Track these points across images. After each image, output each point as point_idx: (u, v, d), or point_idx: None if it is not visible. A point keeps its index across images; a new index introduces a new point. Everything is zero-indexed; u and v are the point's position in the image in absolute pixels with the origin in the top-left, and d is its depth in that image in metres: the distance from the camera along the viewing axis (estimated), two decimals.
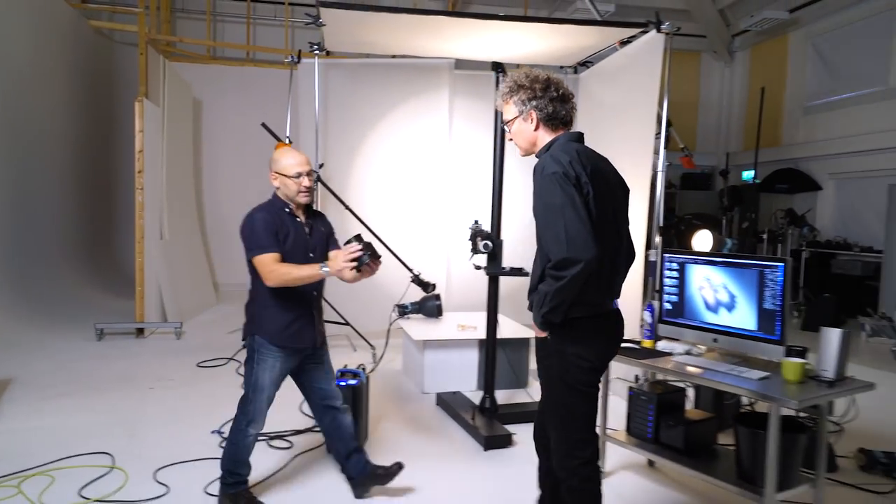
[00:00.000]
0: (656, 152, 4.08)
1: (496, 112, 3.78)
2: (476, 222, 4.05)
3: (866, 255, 8.02)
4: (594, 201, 1.93)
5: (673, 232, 8.35)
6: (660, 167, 4.08)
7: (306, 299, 2.65)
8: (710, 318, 2.77)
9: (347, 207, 5.24)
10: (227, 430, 3.55)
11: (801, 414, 2.94)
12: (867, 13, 8.45)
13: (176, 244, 6.76)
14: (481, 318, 4.84)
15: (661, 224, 4.12)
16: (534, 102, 2.06)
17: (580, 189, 1.93)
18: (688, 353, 2.80)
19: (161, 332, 6.00)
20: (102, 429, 3.61)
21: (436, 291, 5.17)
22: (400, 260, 5.25)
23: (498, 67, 3.80)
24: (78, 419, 3.76)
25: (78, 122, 7.73)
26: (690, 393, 3.42)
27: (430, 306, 5.00)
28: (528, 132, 2.11)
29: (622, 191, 2.12)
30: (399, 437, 3.62)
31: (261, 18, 9.40)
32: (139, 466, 3.11)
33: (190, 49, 8.88)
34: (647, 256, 4.08)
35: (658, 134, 4.11)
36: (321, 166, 5.34)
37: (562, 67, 5.50)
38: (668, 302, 2.96)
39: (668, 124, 4.46)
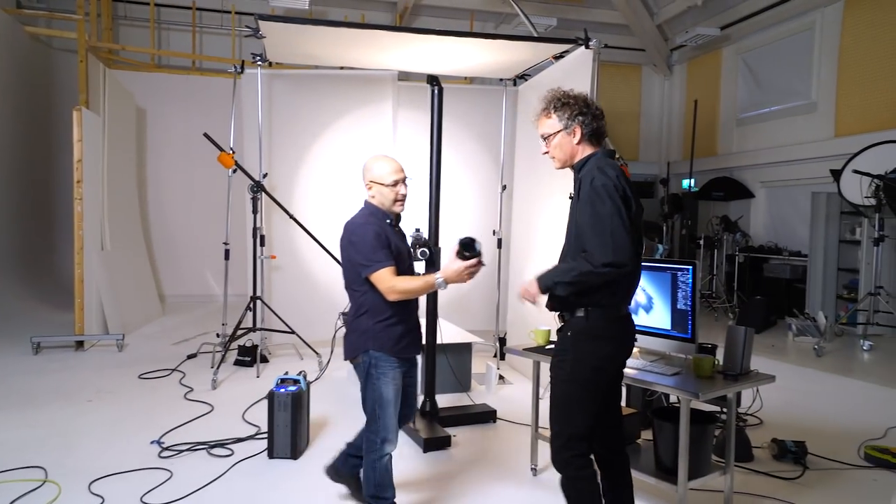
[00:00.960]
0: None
1: (432, 124, 3.91)
2: (417, 230, 4.14)
3: (794, 259, 8.47)
4: (631, 213, 2.08)
5: None
6: None
7: (412, 308, 2.59)
8: (641, 318, 2.94)
9: (292, 217, 5.28)
10: (166, 440, 3.58)
11: (716, 407, 3.14)
12: (790, 31, 8.96)
13: (118, 255, 6.65)
14: (423, 324, 4.96)
15: None
16: (580, 118, 2.19)
17: (626, 202, 2.07)
18: None
19: (102, 345, 5.89)
20: (37, 442, 3.55)
21: None
22: None
23: (433, 81, 3.92)
24: (11, 434, 3.69)
25: (14, 130, 7.52)
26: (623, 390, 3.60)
27: None
28: (570, 146, 2.23)
29: (639, 203, 2.20)
30: (341, 441, 3.65)
31: (206, 27, 9.33)
32: (73, 479, 3.08)
33: (133, 57, 8.75)
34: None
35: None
36: (265, 176, 5.37)
37: (501, 80, 5.68)
38: None
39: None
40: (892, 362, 6.00)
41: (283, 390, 3.37)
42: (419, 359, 2.81)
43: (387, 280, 2.35)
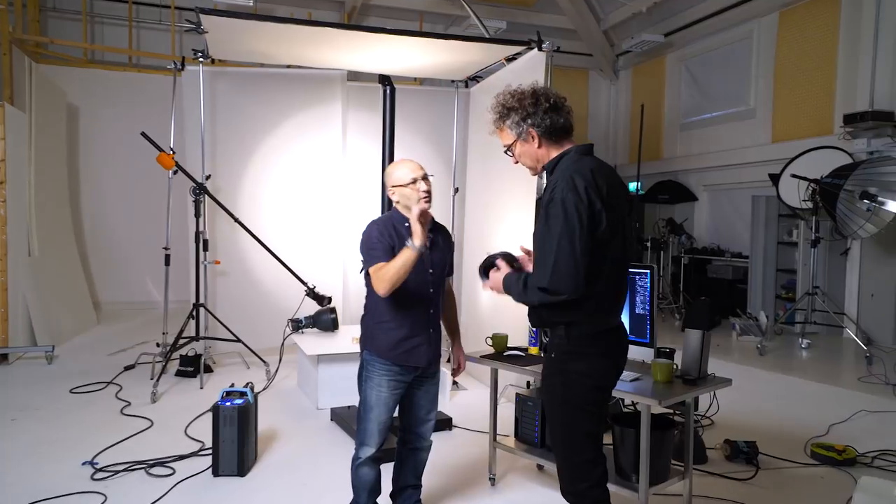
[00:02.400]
0: None
1: (384, 124, 3.80)
2: None
3: (736, 260, 8.73)
4: (607, 224, 1.87)
5: None
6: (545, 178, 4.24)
7: (422, 316, 2.46)
8: None
9: (237, 221, 5.07)
10: (100, 459, 3.34)
11: (674, 411, 3.15)
12: (730, 40, 9.25)
13: (47, 261, 6.25)
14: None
15: None
16: (529, 121, 1.99)
17: (593, 219, 1.85)
18: None
19: (29, 357, 5.51)
20: None
21: (331, 305, 5.10)
22: (294, 273, 5.15)
23: (385, 81, 3.81)
24: None
25: None
26: None
27: (325, 320, 4.92)
28: (533, 151, 2.04)
29: (626, 201, 2.06)
30: (291, 455, 3.52)
31: (144, 22, 8.93)
32: None
33: (64, 51, 8.27)
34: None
35: None
36: (208, 178, 5.13)
37: (453, 81, 5.62)
38: None
39: None
40: (829, 360, 6.23)
41: (228, 403, 3.20)
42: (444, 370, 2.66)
43: (376, 274, 2.33)
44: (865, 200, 5.95)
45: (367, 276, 2.41)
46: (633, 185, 10.73)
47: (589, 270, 1.85)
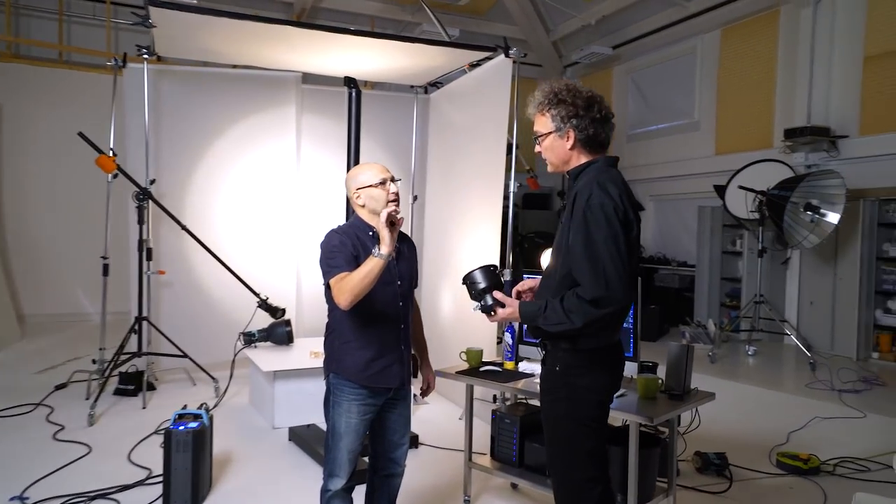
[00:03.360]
0: (508, 174, 4.16)
1: (349, 129, 3.63)
2: None
3: (682, 269, 8.94)
4: (634, 234, 1.84)
5: (517, 250, 8.71)
6: (512, 188, 4.18)
7: (392, 333, 2.29)
8: None
9: (184, 228, 4.76)
10: (31, 494, 3.01)
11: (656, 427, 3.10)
12: (674, 55, 9.51)
13: None
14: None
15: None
16: (574, 121, 1.90)
17: (627, 227, 1.81)
18: None
19: None
20: None
21: (285, 317, 4.87)
22: (245, 284, 4.88)
23: (351, 83, 3.65)
24: None
25: None
26: None
27: (279, 333, 4.69)
28: (562, 150, 1.96)
29: (638, 225, 1.97)
30: (249, 480, 3.29)
31: (76, 16, 8.40)
32: None
33: None
34: (501, 276, 4.12)
35: (508, 156, 4.21)
36: (152, 182, 4.80)
37: (412, 87, 5.49)
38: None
39: (517, 146, 4.60)
40: (775, 367, 6.42)
41: (181, 427, 2.94)
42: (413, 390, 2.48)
43: (336, 285, 2.13)
44: (808, 212, 6.17)
45: (328, 289, 2.20)
46: None
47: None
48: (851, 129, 7.15)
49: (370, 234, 2.26)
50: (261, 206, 5.45)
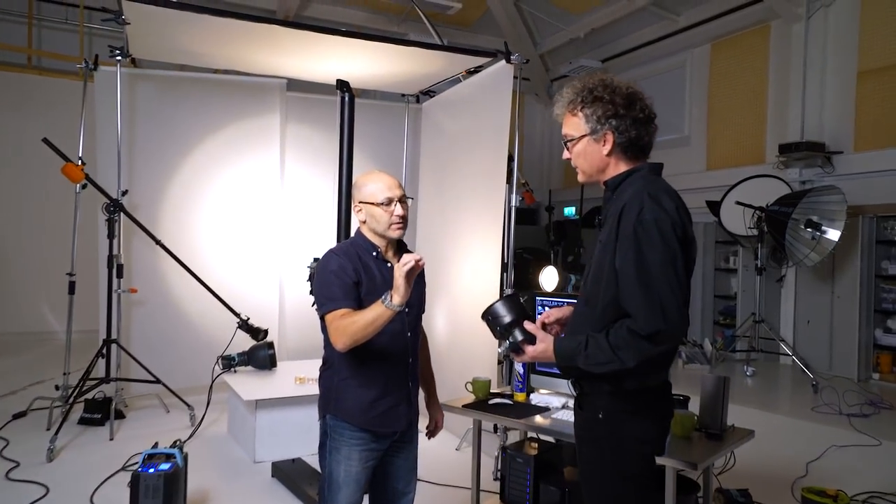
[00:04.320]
0: (510, 187, 3.91)
1: (342, 136, 3.35)
2: (316, 261, 3.56)
3: None
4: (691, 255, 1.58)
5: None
6: (513, 202, 3.92)
7: (399, 368, 2.01)
8: None
9: (159, 243, 4.42)
10: None
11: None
12: (665, 69, 9.41)
13: None
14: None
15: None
16: (614, 122, 1.62)
17: (686, 245, 1.53)
18: (564, 406, 2.56)
19: None
20: None
21: (268, 339, 4.53)
22: (224, 303, 4.54)
23: (343, 86, 3.38)
24: None
25: None
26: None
27: (261, 357, 4.35)
28: (597, 156, 1.66)
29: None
30: None
31: (47, 20, 8.02)
32: None
33: None
34: (503, 295, 3.85)
35: (510, 168, 3.96)
36: (124, 194, 4.46)
37: (403, 95, 5.24)
38: None
39: (511, 159, 4.35)
40: (776, 388, 6.22)
41: (151, 470, 2.61)
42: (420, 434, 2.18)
43: (333, 322, 1.85)
44: (809, 229, 6.02)
45: (323, 320, 1.93)
46: (569, 210, 10.71)
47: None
48: (846, 144, 7.05)
49: (374, 254, 1.99)
50: (242, 221, 5.12)
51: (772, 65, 7.90)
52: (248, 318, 4.57)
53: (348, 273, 1.90)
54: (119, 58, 4.34)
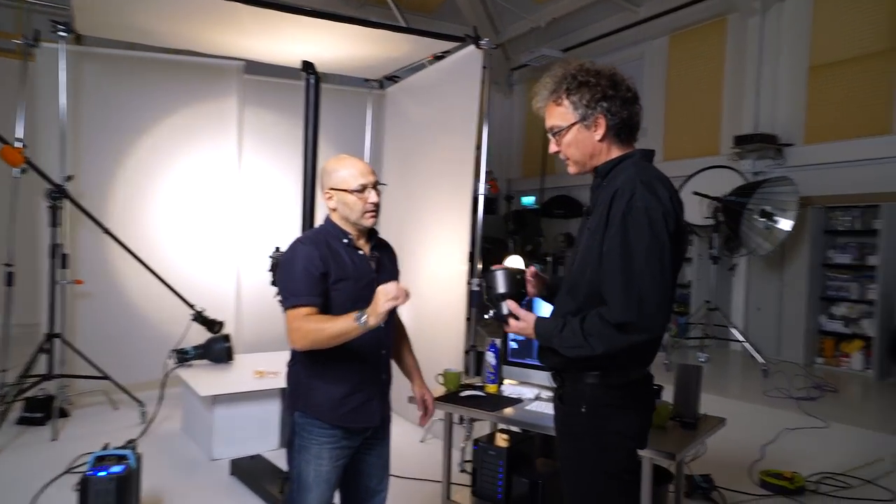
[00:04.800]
0: (477, 175, 3.85)
1: (306, 120, 3.21)
2: (278, 250, 3.43)
3: None
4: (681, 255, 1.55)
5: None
6: (481, 190, 3.86)
7: (372, 362, 1.92)
8: None
9: (107, 231, 4.20)
10: None
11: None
12: (623, 60, 9.47)
13: None
14: (284, 360, 4.18)
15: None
16: (604, 104, 1.57)
17: (677, 238, 1.49)
18: (537, 398, 2.52)
19: None
20: None
21: (224, 331, 4.37)
22: (178, 294, 4.36)
23: (309, 68, 3.24)
24: None
25: None
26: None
27: (217, 350, 4.19)
28: (590, 143, 1.60)
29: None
30: None
31: None
32: None
33: None
34: (470, 285, 3.81)
35: (478, 156, 3.90)
36: (69, 179, 4.20)
37: (367, 80, 5.11)
38: (513, 341, 2.67)
39: (478, 147, 4.29)
40: (728, 374, 6.39)
41: (102, 473, 2.45)
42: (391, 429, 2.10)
43: (294, 321, 1.77)
44: (763, 219, 6.17)
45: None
46: (528, 200, 10.73)
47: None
48: (797, 137, 7.26)
49: (345, 241, 1.91)
50: (197, 209, 4.91)
51: (728, 58, 8.06)
52: (204, 310, 4.39)
53: (315, 264, 1.81)
54: (63, 34, 4.08)
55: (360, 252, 1.93)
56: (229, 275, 5.02)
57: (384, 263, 2.01)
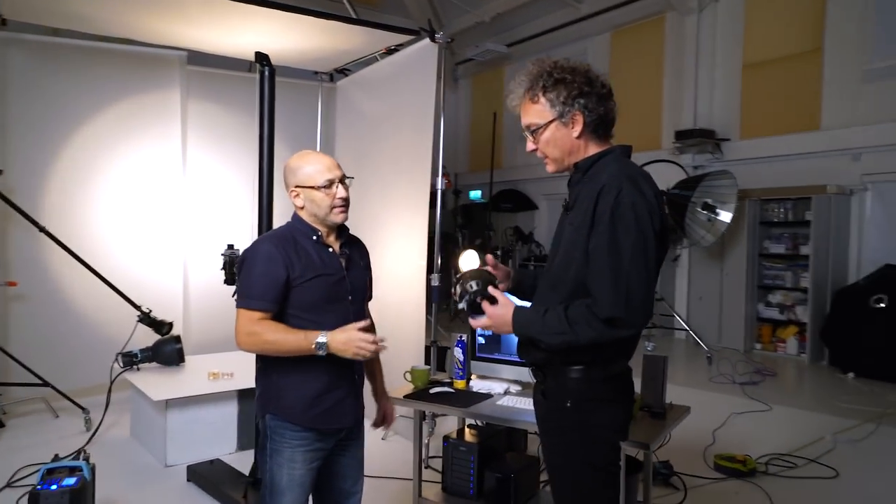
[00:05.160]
0: (435, 170, 3.83)
1: (261, 115, 3.11)
2: (230, 248, 3.32)
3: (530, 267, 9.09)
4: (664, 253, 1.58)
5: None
6: (439, 185, 3.84)
7: (344, 360, 1.80)
8: None
9: (42, 229, 3.96)
10: None
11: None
12: (566, 55, 9.40)
13: None
14: (237, 361, 4.06)
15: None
16: (581, 101, 1.56)
17: (661, 235, 1.51)
18: (507, 392, 2.53)
19: None
20: None
21: (174, 332, 4.21)
22: (122, 295, 4.16)
23: (263, 59, 3.13)
24: None
25: None
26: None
27: (167, 352, 4.02)
28: (567, 140, 1.60)
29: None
30: None
31: None
32: None
33: None
34: (429, 281, 3.79)
35: (435, 151, 3.88)
36: None
37: (316, 73, 4.99)
38: (481, 336, 2.67)
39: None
40: (675, 361, 6.60)
41: (53, 487, 2.31)
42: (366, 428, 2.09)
43: (245, 321, 1.76)
44: (705, 211, 6.40)
45: None
46: (475, 194, 10.78)
47: None
48: (733, 132, 7.56)
49: (314, 238, 1.87)
50: (140, 205, 4.69)
51: (667, 54, 8.30)
52: (150, 311, 4.21)
53: (276, 267, 1.78)
54: None
55: (330, 249, 1.89)
56: (175, 273, 4.83)
57: (354, 260, 1.97)
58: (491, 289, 1.63)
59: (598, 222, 1.50)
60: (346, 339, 1.71)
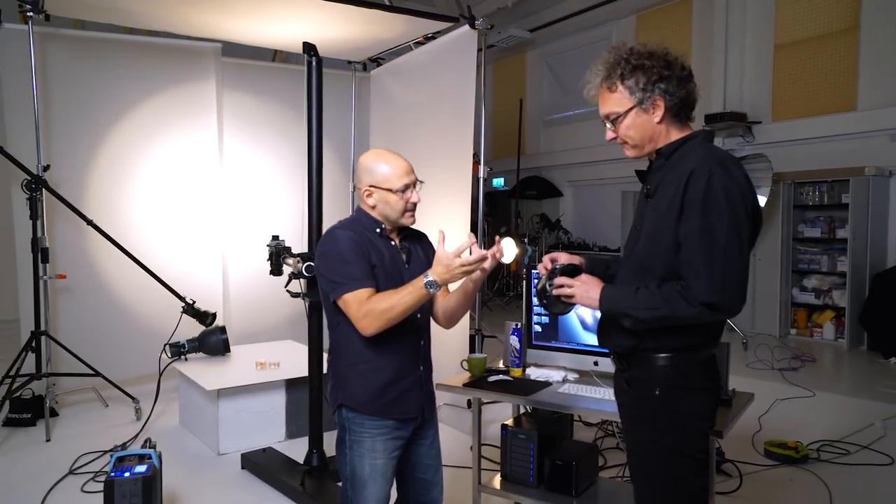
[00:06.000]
0: (477, 159, 3.81)
1: (310, 105, 3.10)
2: (276, 238, 3.34)
3: (604, 254, 9.02)
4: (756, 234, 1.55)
5: None
6: (481, 173, 3.83)
7: (411, 351, 1.87)
8: (590, 338, 2.54)
9: (91, 223, 4.01)
10: None
11: None
12: (590, 40, 9.53)
13: None
14: (282, 351, 4.11)
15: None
16: (662, 85, 1.54)
17: (754, 220, 1.50)
18: (565, 380, 2.53)
19: None
20: None
21: (218, 323, 4.26)
22: (168, 287, 4.21)
23: (310, 50, 3.12)
24: None
25: None
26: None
27: (213, 342, 4.07)
28: (649, 126, 1.58)
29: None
30: None
31: None
32: None
33: None
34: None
35: (476, 140, 3.86)
36: (46, 169, 3.99)
37: (349, 63, 4.98)
38: (537, 324, 2.67)
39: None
40: None
41: (126, 474, 2.36)
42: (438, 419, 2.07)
43: (358, 305, 1.74)
44: None
45: (328, 301, 1.83)
46: (497, 181, 10.74)
47: None
48: (764, 114, 7.44)
49: (377, 231, 1.88)
50: (179, 197, 4.73)
51: (695, 37, 8.17)
52: (194, 302, 4.26)
53: (362, 247, 1.81)
54: (30, 14, 3.83)
55: (392, 243, 1.91)
56: (214, 264, 4.87)
57: (416, 253, 1.97)
58: (562, 280, 1.65)
59: (688, 208, 1.49)
60: (444, 269, 1.69)
